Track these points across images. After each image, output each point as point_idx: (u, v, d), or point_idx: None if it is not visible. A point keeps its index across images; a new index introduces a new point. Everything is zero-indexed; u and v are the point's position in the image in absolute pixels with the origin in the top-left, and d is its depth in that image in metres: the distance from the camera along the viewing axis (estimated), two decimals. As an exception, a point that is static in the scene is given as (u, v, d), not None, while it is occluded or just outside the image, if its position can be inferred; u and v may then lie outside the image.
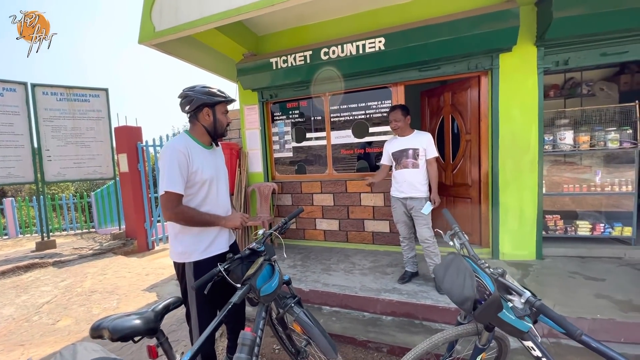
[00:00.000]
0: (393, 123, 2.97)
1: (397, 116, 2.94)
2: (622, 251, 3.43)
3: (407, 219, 3.06)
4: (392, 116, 2.97)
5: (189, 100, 1.77)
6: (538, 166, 3.38)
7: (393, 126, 2.98)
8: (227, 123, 1.90)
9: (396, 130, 2.99)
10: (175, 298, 1.23)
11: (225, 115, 1.88)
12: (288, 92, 4.36)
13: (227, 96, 1.84)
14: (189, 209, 1.72)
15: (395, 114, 2.95)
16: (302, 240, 4.61)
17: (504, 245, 3.53)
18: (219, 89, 1.83)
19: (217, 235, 1.87)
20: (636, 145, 3.51)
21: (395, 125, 2.96)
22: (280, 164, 4.72)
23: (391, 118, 2.98)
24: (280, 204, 4.68)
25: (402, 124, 2.95)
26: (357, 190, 4.21)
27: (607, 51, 3.12)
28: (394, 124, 2.96)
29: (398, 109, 2.96)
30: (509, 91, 3.37)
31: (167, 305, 1.17)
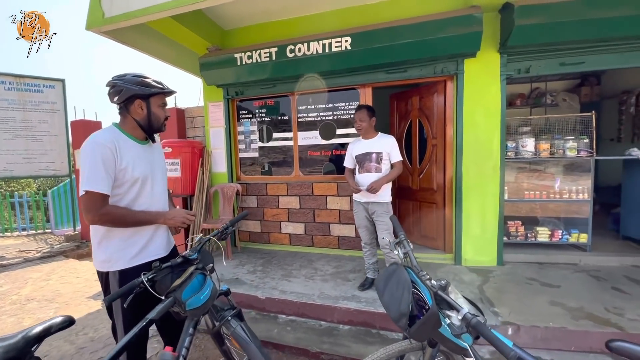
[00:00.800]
0: (358, 123, 2.87)
1: (363, 116, 2.85)
2: (578, 257, 3.50)
3: (369, 224, 2.97)
4: (357, 115, 2.88)
5: (117, 91, 1.58)
6: (500, 172, 3.39)
7: (358, 126, 2.88)
8: (165, 117, 1.72)
9: (360, 130, 2.90)
10: (63, 317, 1.03)
11: (163, 109, 1.69)
12: (254, 90, 4.20)
13: (165, 87, 1.66)
14: (117, 209, 1.53)
15: (360, 114, 2.86)
16: (267, 244, 4.44)
17: (467, 251, 3.52)
18: (156, 79, 1.64)
19: (152, 238, 1.68)
20: (592, 154, 3.60)
21: (359, 125, 2.87)
22: (246, 165, 4.53)
23: (356, 117, 2.88)
24: (245, 205, 4.49)
25: (366, 124, 2.86)
26: (324, 193, 4.09)
27: (565, 61, 3.18)
28: (358, 123, 2.87)
29: (364, 109, 2.87)
30: (474, 97, 3.37)
31: (49, 328, 0.97)
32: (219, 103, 4.40)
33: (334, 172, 4.09)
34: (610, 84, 5.69)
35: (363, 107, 2.88)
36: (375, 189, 2.72)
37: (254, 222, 4.48)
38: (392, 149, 2.85)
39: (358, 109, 2.89)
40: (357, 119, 2.87)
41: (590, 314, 2.43)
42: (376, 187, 2.72)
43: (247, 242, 4.55)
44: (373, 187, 2.72)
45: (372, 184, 2.73)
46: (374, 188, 2.72)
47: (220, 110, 4.40)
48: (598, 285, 2.91)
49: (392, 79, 3.60)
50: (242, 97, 4.31)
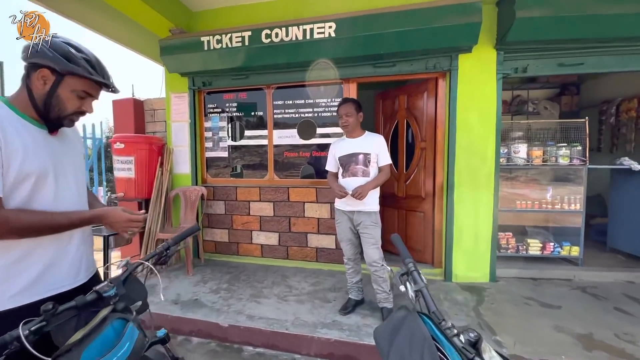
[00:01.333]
0: (343, 118, 2.46)
1: (349, 110, 2.45)
2: (572, 272, 3.27)
3: (354, 237, 2.56)
4: (342, 110, 2.47)
5: (32, 48, 1.09)
6: (494, 180, 3.11)
7: (343, 122, 2.47)
8: (79, 112, 1.18)
9: (346, 127, 2.49)
10: None
11: (80, 100, 1.15)
12: (224, 81, 3.70)
13: (98, 75, 1.14)
14: (20, 213, 1.05)
15: (346, 108, 2.46)
16: (235, 256, 3.92)
17: (458, 266, 3.20)
18: (97, 62, 1.14)
19: (54, 262, 1.17)
20: (585, 163, 3.42)
21: (345, 121, 2.46)
22: (213, 165, 4.00)
23: (341, 112, 2.47)
24: (211, 212, 3.95)
25: (353, 120, 2.46)
26: (301, 199, 3.65)
27: (564, 62, 2.96)
28: (344, 119, 2.46)
29: (350, 102, 2.47)
30: (468, 97, 3.08)
31: None
32: (183, 94, 3.85)
33: (313, 176, 3.66)
34: (589, 94, 5.69)
35: (349, 101, 2.48)
36: (362, 195, 2.31)
37: (221, 231, 3.94)
38: (381, 150, 2.47)
39: (343, 102, 2.49)
40: (343, 113, 2.46)
41: (602, 343, 2.14)
42: (363, 192, 2.32)
43: (212, 254, 4.00)
44: (359, 193, 2.31)
45: (358, 188, 2.33)
46: (360, 193, 2.31)
47: (185, 102, 3.85)
48: (599, 306, 2.66)
49: (380, 73, 3.25)
50: (210, 88, 3.79)
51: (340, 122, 2.48)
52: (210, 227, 3.97)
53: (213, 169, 4.00)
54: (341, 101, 2.50)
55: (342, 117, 2.47)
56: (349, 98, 2.50)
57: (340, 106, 2.49)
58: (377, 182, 2.42)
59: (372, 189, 2.39)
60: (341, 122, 2.48)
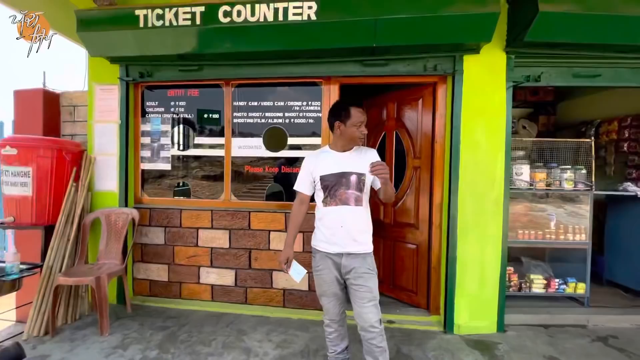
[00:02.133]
0: (364, 128, 1.79)
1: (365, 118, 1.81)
2: (585, 317, 2.80)
3: (340, 290, 1.83)
4: (363, 116, 1.78)
5: None
6: (503, 207, 2.58)
7: (362, 132, 1.79)
8: None
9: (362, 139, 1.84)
10: None
11: None
12: (170, 72, 2.86)
13: None
14: None
15: (365, 115, 1.80)
16: (177, 300, 2.99)
17: (461, 314, 2.58)
18: None
19: None
20: (591, 188, 3.04)
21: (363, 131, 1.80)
22: (151, 181, 3.09)
23: (360, 119, 1.77)
24: (146, 242, 3.01)
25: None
26: (265, 227, 2.86)
27: (580, 72, 2.55)
28: (363, 129, 1.79)
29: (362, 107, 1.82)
30: (474, 106, 2.55)
31: None
32: (112, 86, 2.93)
33: (282, 197, 2.91)
34: (566, 115, 5.61)
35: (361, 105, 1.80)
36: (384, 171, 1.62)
37: (159, 267, 3.01)
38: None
39: (360, 106, 1.81)
40: (364, 120, 1.79)
41: None
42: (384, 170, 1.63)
43: (145, 297, 3.03)
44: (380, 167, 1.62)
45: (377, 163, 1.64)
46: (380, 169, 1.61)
47: (115, 97, 2.94)
48: (635, 367, 2.16)
49: (369, 73, 2.62)
50: (150, 81, 2.92)
51: (359, 132, 1.78)
52: (143, 261, 3.03)
53: (151, 186, 3.09)
54: (354, 104, 1.80)
55: (362, 124, 1.78)
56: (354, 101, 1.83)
57: (354, 109, 1.77)
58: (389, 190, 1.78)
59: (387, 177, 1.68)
60: (360, 132, 1.78)
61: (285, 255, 1.90)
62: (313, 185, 1.87)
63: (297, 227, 1.95)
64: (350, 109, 1.77)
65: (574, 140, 3.15)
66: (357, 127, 1.76)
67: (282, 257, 1.91)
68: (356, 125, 1.76)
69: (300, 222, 1.95)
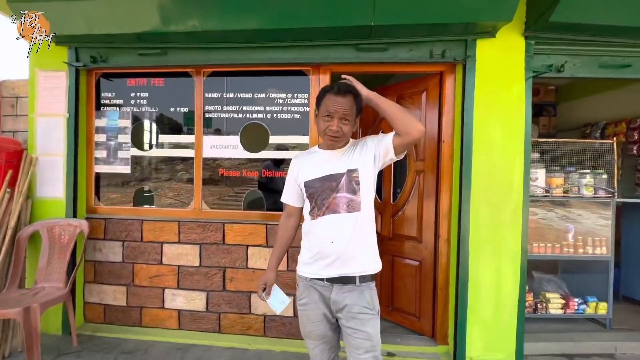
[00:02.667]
0: (335, 122, 1.30)
1: (347, 108, 1.31)
2: (611, 344, 2.44)
3: (330, 331, 1.40)
4: (337, 105, 1.30)
5: None
6: (522, 218, 2.20)
7: (332, 130, 1.30)
8: None
9: (335, 140, 1.34)
10: None
11: None
12: (127, 56, 2.40)
13: None
14: None
15: (344, 102, 1.30)
16: (137, 328, 2.51)
17: (473, 345, 2.18)
18: None
19: None
20: (613, 195, 2.70)
21: (337, 129, 1.30)
22: (107, 186, 2.61)
23: (334, 108, 1.30)
24: (100, 259, 2.52)
25: (348, 128, 1.34)
26: (243, 242, 2.41)
27: (608, 61, 2.21)
28: (336, 124, 1.30)
29: (350, 95, 1.32)
30: (488, 101, 2.17)
31: None
32: (58, 73, 2.45)
33: (262, 206, 2.47)
34: (567, 116, 5.35)
35: (349, 91, 1.33)
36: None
37: (115, 289, 2.52)
38: (368, 140, 1.40)
39: (338, 90, 1.32)
40: (337, 110, 1.30)
41: None
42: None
43: (98, 326, 2.53)
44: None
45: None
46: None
47: (62, 86, 2.45)
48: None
49: (365, 59, 2.22)
50: (104, 67, 2.46)
51: (326, 127, 1.32)
52: (96, 282, 2.54)
53: (107, 193, 2.61)
54: (334, 87, 1.34)
55: (332, 117, 1.31)
56: (348, 85, 1.37)
57: (328, 95, 1.33)
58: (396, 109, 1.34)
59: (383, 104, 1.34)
60: (328, 129, 1.32)
61: (264, 280, 1.49)
62: (301, 193, 1.45)
63: (284, 245, 1.53)
64: (325, 95, 1.34)
65: (597, 142, 2.81)
66: (324, 119, 1.33)
67: (260, 282, 1.50)
68: (323, 117, 1.33)
69: (288, 240, 1.53)
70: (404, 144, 1.32)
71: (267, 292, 1.49)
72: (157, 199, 2.56)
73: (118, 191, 2.60)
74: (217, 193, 2.52)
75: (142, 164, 2.57)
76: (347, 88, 1.33)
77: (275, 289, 1.52)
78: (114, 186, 2.61)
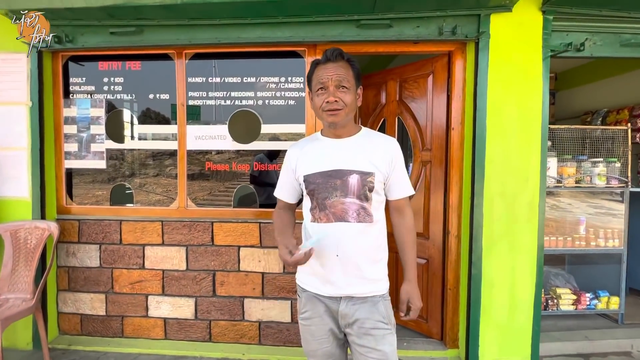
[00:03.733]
0: (331, 92, 1.08)
1: (343, 74, 1.09)
2: (628, 342, 2.32)
3: (338, 348, 1.20)
4: (329, 71, 1.08)
5: None
6: (539, 212, 2.03)
7: (329, 102, 1.08)
8: None
9: (335, 114, 1.10)
10: None
11: None
12: (97, 36, 2.11)
13: None
14: None
15: (337, 68, 1.09)
16: (118, 339, 2.27)
17: (487, 348, 2.02)
18: None
19: None
20: (626, 184, 2.56)
21: (336, 99, 1.08)
22: (80, 183, 2.34)
23: (327, 76, 1.08)
24: (75, 264, 2.27)
25: (350, 98, 1.10)
26: (234, 242, 2.19)
27: (630, 39, 2.03)
28: (333, 93, 1.08)
29: (343, 61, 1.11)
30: (503, 83, 1.97)
31: None
32: (18, 55, 2.15)
33: (255, 203, 2.25)
34: (566, 104, 5.23)
35: (342, 56, 1.11)
36: (417, 307, 1.22)
37: (92, 297, 2.27)
38: (397, 165, 1.17)
39: (329, 57, 1.10)
40: (329, 78, 1.08)
41: None
42: (418, 303, 1.22)
43: (74, 338, 2.29)
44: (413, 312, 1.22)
45: (409, 299, 1.21)
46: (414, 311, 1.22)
47: (22, 70, 2.15)
48: None
49: (367, 37, 1.99)
50: (71, 48, 2.16)
51: (322, 102, 1.10)
52: (71, 290, 2.28)
53: (80, 190, 2.34)
54: (324, 56, 1.12)
55: (326, 88, 1.09)
56: (339, 49, 1.14)
57: (317, 67, 1.13)
58: (413, 253, 1.23)
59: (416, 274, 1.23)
60: (324, 103, 1.10)
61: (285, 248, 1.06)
62: (299, 188, 1.23)
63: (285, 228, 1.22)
64: (315, 68, 1.13)
65: (610, 128, 2.66)
66: (318, 94, 1.11)
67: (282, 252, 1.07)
68: (317, 91, 1.12)
69: (287, 224, 1.24)
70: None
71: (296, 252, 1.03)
72: (137, 197, 2.30)
73: (93, 189, 2.33)
74: (206, 189, 2.28)
75: (119, 158, 2.30)
76: (337, 52, 1.11)
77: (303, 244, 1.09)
78: (89, 183, 2.34)
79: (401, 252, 1.21)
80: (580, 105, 4.90)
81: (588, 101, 4.75)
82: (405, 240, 1.20)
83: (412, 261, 1.21)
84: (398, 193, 1.17)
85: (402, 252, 1.21)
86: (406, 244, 1.20)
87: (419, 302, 1.19)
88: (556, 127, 2.57)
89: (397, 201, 1.18)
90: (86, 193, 2.34)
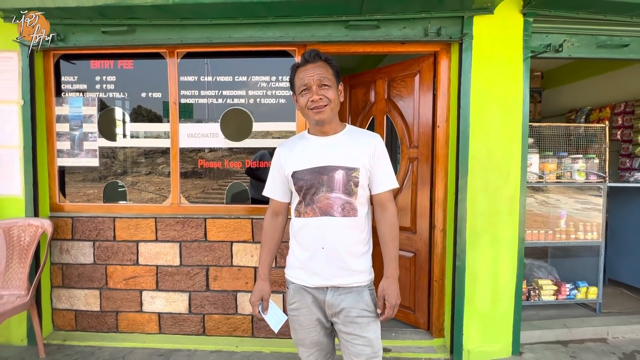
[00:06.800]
0: (314, 91, 1.14)
1: (323, 74, 1.15)
2: (604, 329, 2.44)
3: (325, 337, 1.27)
4: (310, 72, 1.14)
5: None
6: (520, 206, 2.12)
7: (313, 100, 1.14)
8: None
9: (320, 111, 1.15)
10: None
11: None
12: (89, 35, 2.13)
13: None
14: None
15: (316, 68, 1.15)
16: (113, 334, 2.31)
17: (470, 337, 2.11)
18: None
19: None
20: (604, 179, 2.68)
21: (319, 97, 1.13)
22: (73, 181, 2.36)
23: (309, 77, 1.14)
24: (69, 261, 2.30)
25: (333, 94, 1.17)
26: (227, 238, 2.24)
27: (606, 41, 2.13)
28: (316, 92, 1.14)
29: (322, 61, 1.17)
30: (486, 82, 2.05)
31: None
32: (9, 53, 2.16)
33: (246, 200, 2.30)
34: (552, 103, 5.36)
35: (320, 57, 1.18)
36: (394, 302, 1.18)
37: (87, 293, 2.31)
38: (380, 160, 1.23)
39: (308, 58, 1.17)
40: (311, 79, 1.14)
41: None
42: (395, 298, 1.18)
43: (69, 334, 2.32)
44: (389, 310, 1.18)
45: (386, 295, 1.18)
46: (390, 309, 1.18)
47: (14, 68, 2.16)
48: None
49: (355, 38, 2.05)
50: (63, 47, 2.17)
51: (306, 101, 1.16)
52: (65, 286, 2.31)
53: (73, 188, 2.36)
54: (303, 58, 1.19)
55: (309, 88, 1.15)
56: (316, 50, 1.20)
57: (297, 70, 1.19)
58: (395, 249, 1.23)
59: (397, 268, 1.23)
60: (309, 102, 1.16)
61: (259, 293, 1.27)
62: (288, 186, 1.28)
63: (272, 249, 1.33)
64: (295, 71, 1.20)
65: (591, 126, 2.76)
66: (302, 95, 1.17)
67: (253, 297, 1.27)
68: (300, 92, 1.17)
69: (276, 242, 1.33)
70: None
71: (264, 307, 1.29)
72: (130, 194, 2.34)
73: (86, 186, 2.36)
74: (199, 187, 2.32)
75: (112, 156, 2.33)
76: (314, 52, 1.17)
77: (272, 305, 1.32)
78: (82, 181, 2.36)
79: (383, 247, 1.23)
80: (565, 103, 5.05)
81: (573, 99, 4.89)
82: (386, 235, 1.23)
83: (393, 257, 1.21)
84: (381, 186, 1.23)
85: (383, 248, 1.23)
86: (388, 239, 1.23)
87: (395, 299, 1.16)
88: (537, 124, 2.67)
89: (380, 195, 1.24)
90: (78, 191, 2.37)
